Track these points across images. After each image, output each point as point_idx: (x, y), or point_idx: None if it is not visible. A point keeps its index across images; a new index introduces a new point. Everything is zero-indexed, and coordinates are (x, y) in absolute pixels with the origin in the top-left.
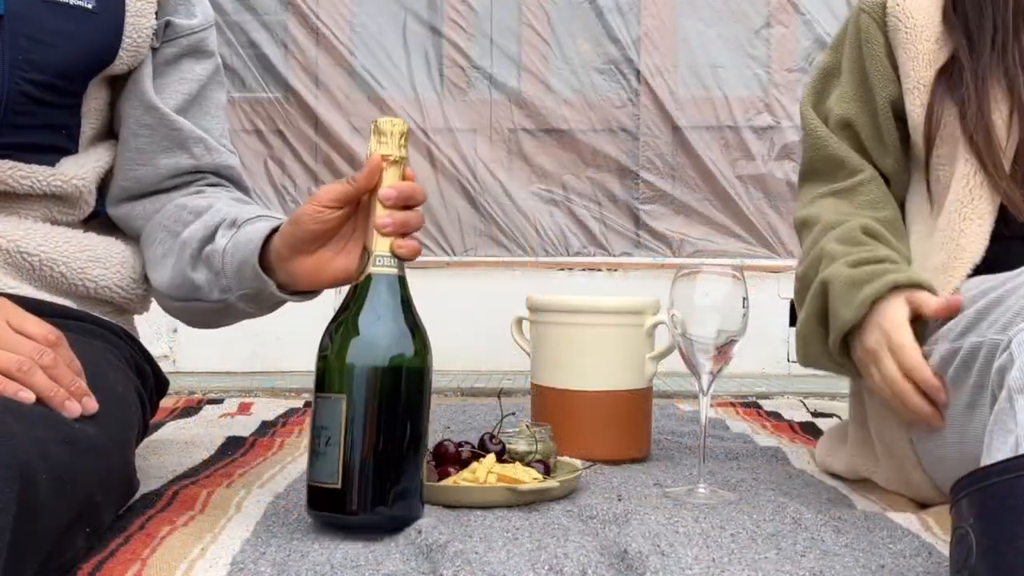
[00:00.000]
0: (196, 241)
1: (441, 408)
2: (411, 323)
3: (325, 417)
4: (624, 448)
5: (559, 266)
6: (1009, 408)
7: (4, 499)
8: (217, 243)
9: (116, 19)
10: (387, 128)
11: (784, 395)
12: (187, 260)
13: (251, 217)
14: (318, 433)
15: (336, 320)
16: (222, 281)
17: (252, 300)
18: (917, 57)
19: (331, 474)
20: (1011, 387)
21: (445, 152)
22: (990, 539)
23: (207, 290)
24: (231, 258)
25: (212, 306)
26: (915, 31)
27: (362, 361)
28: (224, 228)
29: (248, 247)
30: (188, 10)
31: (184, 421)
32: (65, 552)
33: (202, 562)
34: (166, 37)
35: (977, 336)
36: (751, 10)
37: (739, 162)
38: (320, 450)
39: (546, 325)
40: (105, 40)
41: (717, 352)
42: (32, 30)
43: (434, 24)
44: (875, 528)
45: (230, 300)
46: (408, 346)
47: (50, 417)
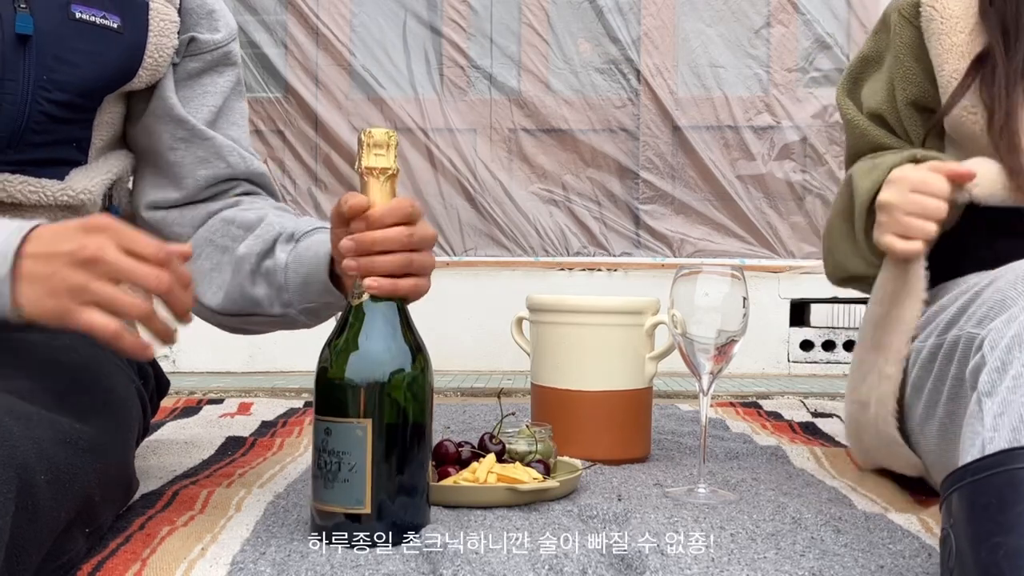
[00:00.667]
0: (255, 256)
1: (441, 408)
2: (415, 338)
3: (345, 443)
4: (624, 448)
5: (559, 266)
6: (978, 411)
7: (3, 500)
8: (278, 258)
9: (139, 39)
10: (364, 139)
11: (784, 395)
12: (246, 275)
13: (309, 230)
14: (337, 459)
15: (337, 341)
16: (284, 296)
17: (313, 313)
18: (952, 49)
19: (358, 500)
20: (980, 390)
21: (445, 152)
22: (967, 539)
23: (267, 305)
24: (294, 273)
25: (270, 320)
26: (950, 22)
27: (387, 387)
28: (283, 242)
29: (313, 262)
30: (211, 24)
31: (184, 421)
32: (64, 552)
33: (202, 562)
34: (189, 52)
35: (957, 330)
36: (751, 10)
37: (739, 162)
38: (343, 476)
39: (546, 325)
40: (127, 60)
41: (717, 352)
42: (59, 50)
43: (434, 24)
44: (875, 528)
45: (291, 314)
46: (419, 363)
47: (49, 417)
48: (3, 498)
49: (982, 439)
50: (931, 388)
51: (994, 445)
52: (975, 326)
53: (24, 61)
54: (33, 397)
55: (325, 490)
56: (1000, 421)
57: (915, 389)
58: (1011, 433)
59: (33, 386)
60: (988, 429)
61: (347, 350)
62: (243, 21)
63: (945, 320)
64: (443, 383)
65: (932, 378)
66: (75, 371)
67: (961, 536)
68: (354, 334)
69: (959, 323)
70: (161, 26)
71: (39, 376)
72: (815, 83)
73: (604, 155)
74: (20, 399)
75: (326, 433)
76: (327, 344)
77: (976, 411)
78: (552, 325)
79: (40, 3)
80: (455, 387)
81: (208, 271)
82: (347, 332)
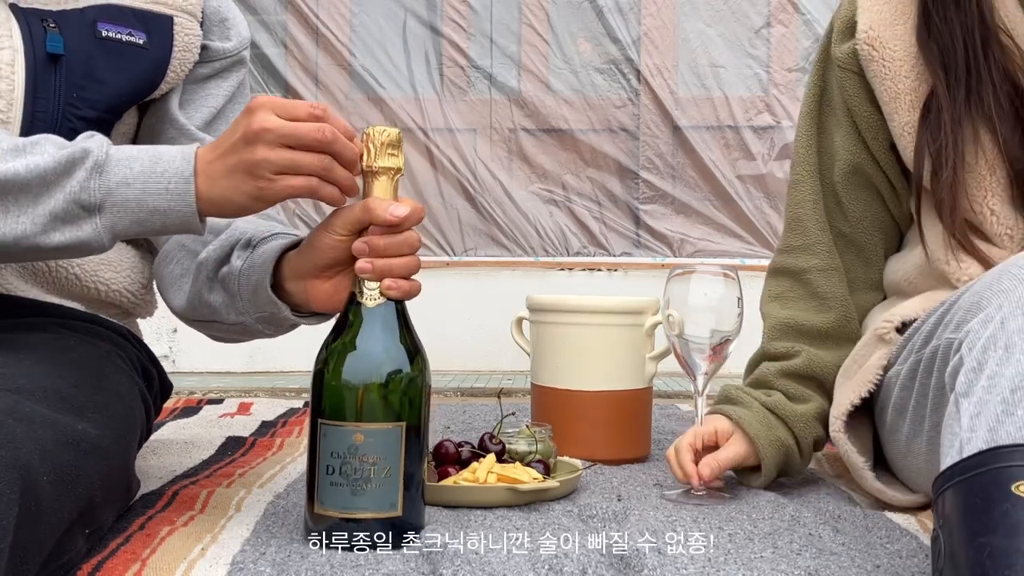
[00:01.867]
0: (212, 262)
1: (441, 408)
2: (415, 337)
3: (379, 448)
4: (624, 448)
5: (559, 266)
6: (956, 412)
7: (6, 501)
8: (233, 264)
9: (164, 54)
10: (376, 137)
11: None
12: (204, 282)
13: (267, 236)
14: (371, 464)
15: (335, 347)
16: (238, 304)
17: (268, 322)
18: (898, 98)
19: (392, 503)
20: (957, 392)
21: (445, 152)
22: (955, 539)
23: (224, 312)
24: (246, 280)
25: (230, 327)
26: (893, 64)
27: (412, 389)
28: (240, 248)
29: (261, 270)
30: (223, 33)
31: (184, 421)
32: (65, 552)
33: (202, 562)
34: (200, 59)
35: (936, 340)
36: (751, 10)
37: (739, 162)
38: (376, 482)
39: (546, 325)
40: (152, 74)
41: (712, 352)
42: (87, 68)
43: (434, 24)
44: (873, 528)
45: (247, 322)
46: (425, 364)
47: (52, 418)
48: (7, 500)
49: (960, 440)
50: (915, 404)
51: (972, 446)
52: (953, 331)
53: (55, 79)
54: (36, 397)
55: (355, 497)
56: (977, 422)
57: (898, 412)
58: (988, 433)
59: (36, 386)
60: (966, 430)
61: (381, 360)
62: None
63: (922, 337)
64: (443, 383)
65: (915, 395)
66: (78, 372)
67: (949, 537)
68: (372, 339)
69: (937, 333)
70: (185, 41)
71: (42, 376)
72: None
73: (604, 155)
74: (23, 399)
75: (355, 439)
76: (327, 346)
77: (954, 412)
78: (552, 325)
79: (68, 23)
80: (455, 387)
81: (178, 276)
82: (358, 335)
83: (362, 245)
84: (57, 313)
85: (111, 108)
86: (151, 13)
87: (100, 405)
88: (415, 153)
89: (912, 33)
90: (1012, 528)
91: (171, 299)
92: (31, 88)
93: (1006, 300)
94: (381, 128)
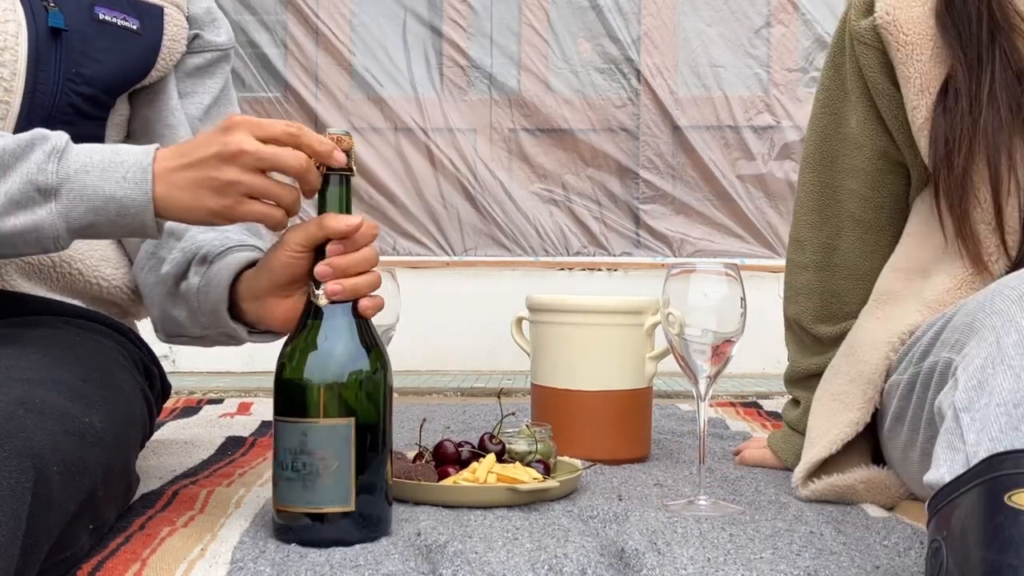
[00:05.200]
0: (171, 278)
1: (441, 408)
2: (372, 335)
3: (327, 443)
4: (624, 448)
5: (559, 266)
6: (956, 427)
7: (21, 490)
8: (191, 281)
9: (155, 40)
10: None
11: (784, 395)
12: (166, 296)
13: (222, 250)
14: (321, 460)
15: (300, 344)
16: (200, 319)
17: (232, 337)
18: (909, 81)
19: (345, 498)
20: (956, 407)
21: (445, 152)
22: (958, 552)
23: (188, 326)
24: (205, 297)
25: (197, 340)
26: (905, 48)
27: (369, 386)
28: (196, 264)
29: (218, 291)
30: (215, 28)
31: (184, 421)
32: (68, 546)
33: (202, 561)
34: (192, 48)
35: (933, 356)
36: (751, 10)
37: (739, 162)
38: (328, 474)
39: (546, 325)
40: (144, 59)
41: (713, 353)
42: (85, 46)
43: (434, 24)
44: (874, 527)
45: (211, 335)
46: (386, 361)
47: (60, 409)
48: (22, 488)
49: (965, 454)
50: (912, 416)
51: (977, 457)
52: (949, 351)
53: (55, 54)
54: (45, 387)
55: (306, 492)
56: (980, 436)
57: (896, 419)
58: (990, 443)
59: (43, 377)
60: (971, 445)
61: (335, 355)
62: (243, 21)
63: (921, 349)
64: (443, 383)
65: (912, 406)
66: (83, 366)
67: (952, 550)
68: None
69: (934, 350)
70: (174, 30)
71: (47, 368)
72: (815, 83)
73: (604, 155)
74: (34, 388)
75: (303, 435)
76: (286, 346)
77: (954, 428)
78: (552, 325)
79: (67, 5)
80: (455, 387)
81: (153, 284)
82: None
83: (325, 268)
84: (61, 310)
85: (107, 88)
86: (144, 3)
87: (105, 400)
88: (415, 153)
89: (929, 16)
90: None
91: (150, 312)
92: (33, 60)
93: (999, 320)
94: (339, 133)
